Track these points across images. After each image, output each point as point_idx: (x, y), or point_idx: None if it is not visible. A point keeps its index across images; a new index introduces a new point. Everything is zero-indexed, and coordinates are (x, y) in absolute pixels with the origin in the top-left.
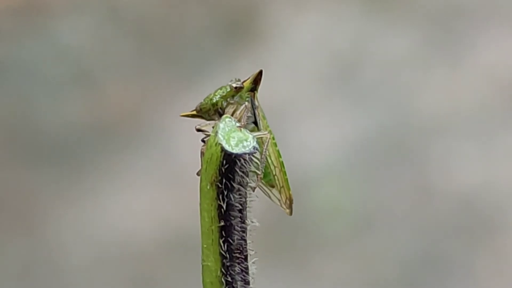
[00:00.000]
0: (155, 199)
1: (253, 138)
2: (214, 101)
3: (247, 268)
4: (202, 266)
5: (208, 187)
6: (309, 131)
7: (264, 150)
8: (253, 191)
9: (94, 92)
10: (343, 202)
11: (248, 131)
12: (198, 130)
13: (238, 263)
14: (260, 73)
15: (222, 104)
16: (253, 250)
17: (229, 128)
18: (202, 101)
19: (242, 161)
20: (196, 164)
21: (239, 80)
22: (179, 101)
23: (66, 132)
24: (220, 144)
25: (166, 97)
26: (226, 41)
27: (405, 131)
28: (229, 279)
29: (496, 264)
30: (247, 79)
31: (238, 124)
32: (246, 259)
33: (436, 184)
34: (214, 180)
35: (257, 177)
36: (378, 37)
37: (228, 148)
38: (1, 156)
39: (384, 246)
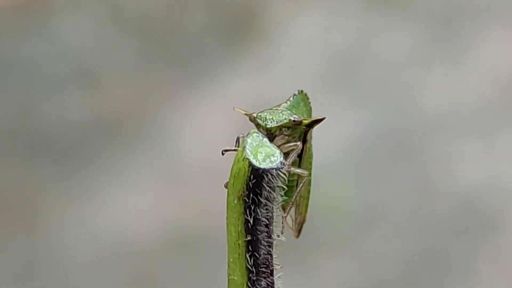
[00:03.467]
0: (157, 197)
1: (280, 153)
2: (269, 127)
3: (273, 282)
4: (228, 280)
5: (235, 202)
6: None
7: (298, 190)
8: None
9: (95, 90)
10: (344, 200)
11: (275, 146)
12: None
13: (264, 278)
14: (323, 119)
15: (275, 131)
16: (279, 265)
17: (256, 143)
18: (261, 113)
19: (270, 176)
20: (197, 162)
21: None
22: (180, 99)
23: (68, 130)
24: (247, 159)
25: (167, 95)
26: (227, 40)
27: (406, 129)
28: None
29: (497, 262)
30: (307, 119)
31: (285, 161)
32: (272, 273)
33: (437, 182)
34: (241, 195)
35: (283, 218)
36: (379, 35)
37: (255, 163)
38: (2, 154)
39: (385, 244)
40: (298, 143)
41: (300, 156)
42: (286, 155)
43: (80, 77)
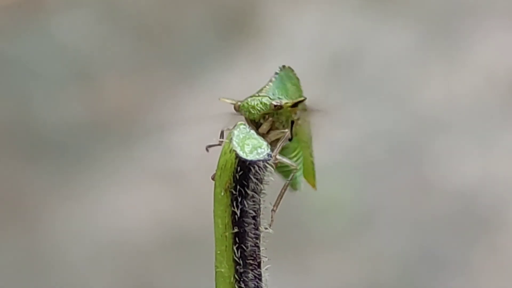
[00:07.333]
0: (152, 197)
1: (267, 145)
2: (252, 117)
3: (260, 275)
4: (216, 272)
5: (222, 194)
6: None
7: (287, 183)
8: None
9: (91, 89)
10: (341, 199)
11: (262, 138)
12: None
13: (252, 270)
14: (303, 100)
15: (260, 120)
16: (266, 257)
17: (243, 135)
18: (245, 102)
19: (257, 168)
20: (193, 161)
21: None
22: (176, 98)
23: (63, 129)
24: (234, 150)
25: (163, 94)
26: (224, 37)
27: (403, 128)
28: (242, 285)
29: (493, 261)
30: (288, 102)
31: (271, 153)
32: (259, 265)
33: (434, 181)
34: (228, 187)
35: (272, 212)
36: (375, 33)
37: (242, 155)
38: None
39: (382, 243)
40: (286, 130)
41: (290, 140)
42: (275, 142)
43: (75, 76)
